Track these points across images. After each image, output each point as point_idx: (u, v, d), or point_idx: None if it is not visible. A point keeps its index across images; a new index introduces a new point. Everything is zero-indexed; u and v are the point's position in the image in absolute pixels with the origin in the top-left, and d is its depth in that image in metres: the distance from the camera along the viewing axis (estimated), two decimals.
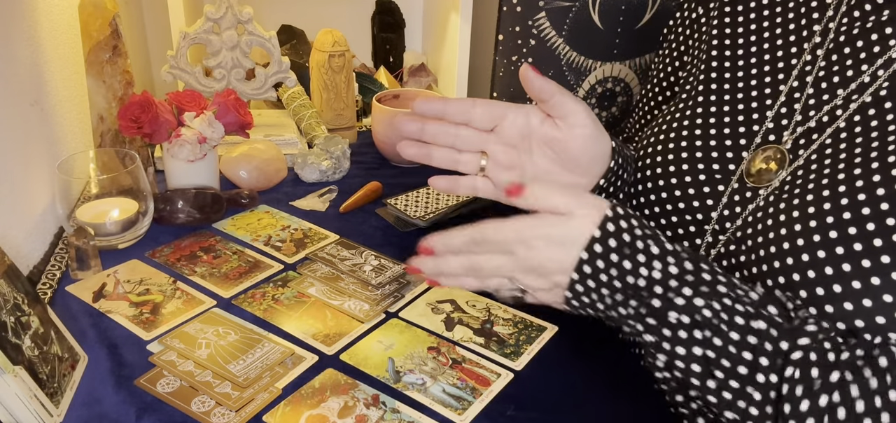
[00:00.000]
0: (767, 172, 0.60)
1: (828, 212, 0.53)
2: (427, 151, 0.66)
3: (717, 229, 0.62)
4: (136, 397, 0.62)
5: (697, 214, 0.64)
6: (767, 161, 0.61)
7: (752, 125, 0.63)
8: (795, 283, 0.53)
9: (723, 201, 0.62)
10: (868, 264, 0.50)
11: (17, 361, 0.56)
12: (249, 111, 1.01)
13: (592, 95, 1.15)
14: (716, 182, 0.63)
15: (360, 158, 1.15)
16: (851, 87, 0.58)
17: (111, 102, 0.98)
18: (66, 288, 0.77)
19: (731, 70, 0.67)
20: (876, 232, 0.50)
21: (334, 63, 1.16)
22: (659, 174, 0.67)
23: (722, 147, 0.64)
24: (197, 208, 0.90)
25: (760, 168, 0.61)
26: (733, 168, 0.63)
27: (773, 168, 0.60)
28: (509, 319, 0.76)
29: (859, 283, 0.50)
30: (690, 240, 0.65)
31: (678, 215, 0.66)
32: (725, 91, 0.67)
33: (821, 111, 0.59)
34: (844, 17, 0.61)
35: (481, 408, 0.63)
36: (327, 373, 0.66)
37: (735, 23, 0.69)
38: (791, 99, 0.62)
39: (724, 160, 0.64)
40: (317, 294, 0.78)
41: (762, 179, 0.60)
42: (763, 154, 0.61)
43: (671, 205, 0.66)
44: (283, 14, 1.47)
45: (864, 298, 0.50)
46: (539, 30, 1.08)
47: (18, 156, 0.81)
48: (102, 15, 0.94)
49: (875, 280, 0.50)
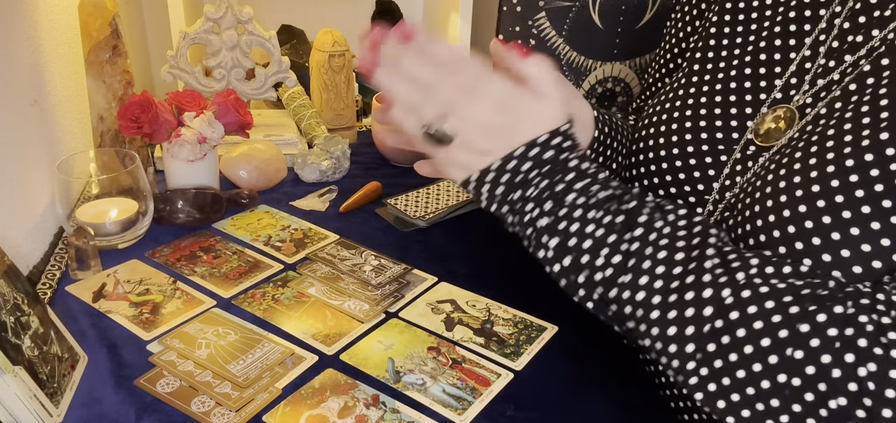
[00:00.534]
0: (777, 131, 0.60)
1: (829, 164, 0.52)
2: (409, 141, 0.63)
3: (718, 197, 0.61)
4: (136, 397, 0.62)
5: (705, 180, 0.63)
6: (777, 121, 0.60)
7: (761, 93, 0.62)
8: (790, 235, 0.52)
9: (727, 167, 0.62)
10: (868, 209, 0.49)
11: (17, 361, 0.56)
12: (249, 111, 1.01)
13: (592, 95, 1.15)
14: (720, 151, 0.63)
15: (360, 158, 1.15)
16: (861, 52, 0.57)
17: (111, 102, 0.98)
18: (65, 288, 0.77)
19: (743, 35, 0.66)
20: (879, 186, 0.49)
21: (334, 63, 1.16)
22: (662, 144, 0.66)
23: (732, 105, 0.63)
24: (197, 208, 0.90)
25: (769, 128, 0.60)
26: (737, 137, 0.62)
27: (783, 127, 0.59)
28: (509, 319, 0.76)
29: (857, 228, 0.49)
30: (701, 198, 0.63)
31: (686, 177, 0.64)
32: (734, 56, 0.66)
33: (834, 72, 0.58)
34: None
35: (481, 408, 0.63)
36: (327, 373, 0.66)
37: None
38: (802, 68, 0.61)
39: (734, 118, 0.63)
40: (317, 294, 0.78)
41: (771, 138, 0.60)
42: (773, 114, 0.60)
43: (675, 174, 0.65)
44: (283, 14, 1.47)
45: (864, 243, 0.49)
46: (539, 30, 1.08)
47: (18, 156, 0.81)
48: (102, 15, 0.94)
49: (853, 230, 0.49)
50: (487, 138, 0.54)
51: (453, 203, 0.97)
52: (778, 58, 0.63)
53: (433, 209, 0.95)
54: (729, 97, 0.64)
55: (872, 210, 0.49)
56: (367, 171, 1.11)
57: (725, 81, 0.65)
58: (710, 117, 0.64)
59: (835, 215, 0.50)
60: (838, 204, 0.50)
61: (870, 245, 0.49)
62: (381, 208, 0.98)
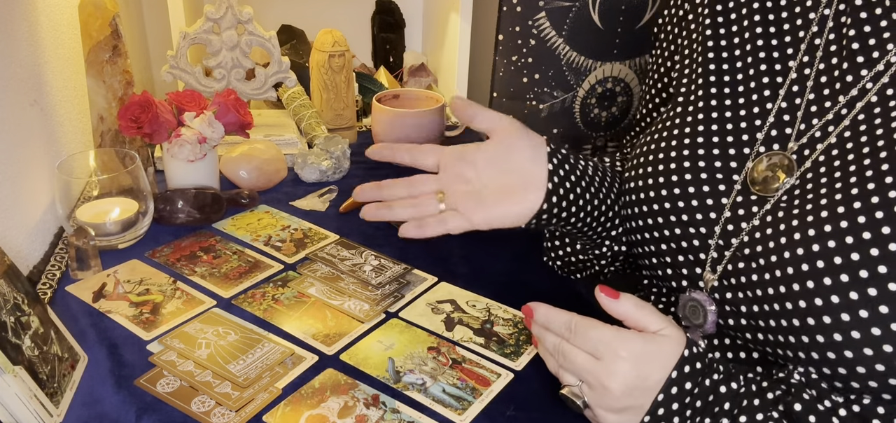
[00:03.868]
0: (774, 179, 0.58)
1: (841, 219, 0.52)
2: (388, 207, 0.70)
3: (722, 244, 0.60)
4: (136, 397, 0.62)
5: (701, 227, 0.61)
6: (773, 169, 0.58)
7: (752, 132, 0.61)
8: (809, 290, 0.52)
9: (726, 213, 0.60)
10: (874, 289, 0.49)
11: (17, 361, 0.56)
12: (249, 111, 1.01)
13: (592, 94, 1.15)
14: (718, 192, 0.61)
15: (360, 158, 1.14)
16: (852, 92, 0.56)
17: (111, 102, 0.98)
18: (66, 288, 0.77)
19: (729, 73, 0.65)
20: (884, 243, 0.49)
21: (334, 63, 1.16)
22: (652, 185, 0.65)
23: (722, 155, 0.62)
24: (197, 208, 0.90)
25: (766, 176, 0.59)
26: (736, 178, 0.60)
27: (781, 177, 0.58)
28: (509, 319, 0.76)
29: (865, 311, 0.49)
30: (695, 254, 0.62)
31: (680, 227, 0.63)
32: (724, 95, 0.64)
33: (825, 117, 0.57)
34: (838, 24, 0.59)
35: (481, 408, 0.63)
36: (327, 373, 0.66)
37: (728, 21, 0.66)
38: (791, 103, 0.60)
39: (724, 169, 0.61)
40: (317, 294, 0.78)
41: (768, 187, 0.58)
42: (768, 161, 0.59)
43: (673, 216, 0.63)
44: (283, 14, 1.47)
45: (873, 326, 0.49)
46: (539, 30, 1.08)
47: (18, 156, 0.81)
48: (102, 15, 0.94)
49: (883, 309, 0.48)
50: (620, 394, 0.55)
51: None
52: (767, 94, 0.62)
53: None
54: (721, 137, 0.63)
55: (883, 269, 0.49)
56: (367, 171, 1.11)
57: (717, 121, 0.64)
58: (705, 157, 0.63)
59: (852, 272, 0.50)
60: (856, 262, 0.50)
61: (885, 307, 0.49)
62: None
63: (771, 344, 0.56)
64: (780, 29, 0.63)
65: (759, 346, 0.58)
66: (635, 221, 0.67)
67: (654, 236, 0.65)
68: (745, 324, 0.58)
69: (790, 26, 0.62)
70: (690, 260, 0.63)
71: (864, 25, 0.57)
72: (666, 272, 0.66)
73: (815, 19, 0.60)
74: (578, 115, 1.17)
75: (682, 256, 0.63)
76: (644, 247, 0.67)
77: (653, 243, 0.66)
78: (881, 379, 0.50)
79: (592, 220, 0.71)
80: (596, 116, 1.17)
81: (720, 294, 0.60)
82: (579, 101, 1.15)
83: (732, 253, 0.59)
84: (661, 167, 0.65)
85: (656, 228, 0.65)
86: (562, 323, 0.59)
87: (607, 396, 0.55)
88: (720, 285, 0.60)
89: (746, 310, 0.57)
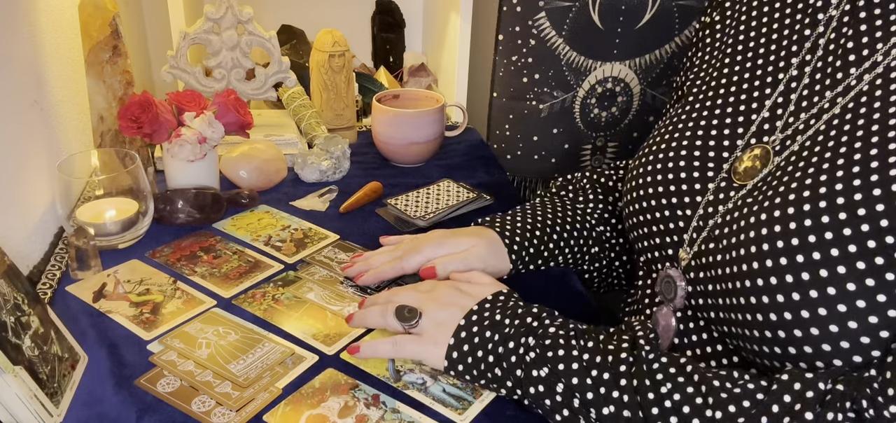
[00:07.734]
0: (753, 170, 0.61)
1: (805, 202, 0.53)
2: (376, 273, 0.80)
3: (701, 225, 0.62)
4: (137, 397, 0.62)
5: (686, 209, 0.64)
6: (754, 159, 0.61)
7: (747, 125, 0.64)
8: (767, 268, 0.53)
9: (709, 197, 0.63)
10: (825, 272, 0.50)
11: (17, 361, 0.56)
12: (249, 111, 1.01)
13: (592, 94, 1.15)
14: (706, 179, 0.64)
15: (360, 158, 1.15)
16: (838, 89, 0.58)
17: (111, 102, 0.98)
18: (66, 288, 0.77)
19: (733, 69, 0.68)
20: (848, 235, 0.50)
21: (334, 63, 1.16)
22: (650, 170, 0.68)
23: (715, 146, 0.65)
24: (197, 208, 0.90)
25: (747, 167, 0.61)
26: (725, 167, 0.63)
27: (758, 167, 0.60)
28: None
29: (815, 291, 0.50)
30: (679, 235, 0.65)
31: (669, 209, 0.66)
32: (726, 91, 0.67)
33: (809, 112, 0.59)
34: (839, 24, 0.60)
35: (481, 408, 0.63)
36: (327, 373, 0.66)
37: (737, 23, 0.69)
38: (786, 98, 0.62)
39: (715, 158, 0.64)
40: (315, 299, 0.78)
41: (748, 177, 0.61)
42: (751, 153, 0.62)
43: (664, 199, 0.66)
44: (283, 14, 1.47)
45: (820, 307, 0.50)
46: (539, 30, 1.08)
47: (18, 156, 0.81)
48: (102, 15, 0.94)
49: (831, 290, 0.50)
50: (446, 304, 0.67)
51: (453, 203, 0.97)
52: (758, 94, 0.64)
53: (433, 209, 0.95)
54: (711, 131, 0.66)
55: (855, 271, 0.50)
56: (367, 171, 1.11)
57: (709, 118, 0.67)
58: (693, 148, 0.66)
59: (807, 253, 0.51)
60: (811, 244, 0.51)
61: (845, 306, 0.50)
62: (381, 208, 0.98)
63: (729, 322, 0.58)
64: (790, 28, 0.65)
65: (719, 326, 0.60)
66: (633, 205, 0.70)
67: (647, 219, 0.68)
68: (711, 303, 0.60)
69: (799, 26, 0.64)
70: (674, 240, 0.65)
71: (861, 25, 0.58)
72: (654, 254, 0.69)
73: (823, 20, 0.62)
74: (578, 115, 1.17)
75: (668, 236, 0.66)
76: (638, 230, 0.70)
77: (644, 224, 0.69)
78: (827, 360, 0.51)
79: (562, 261, 0.83)
80: (596, 116, 1.18)
81: (694, 273, 0.62)
82: (579, 101, 1.15)
83: (706, 234, 0.61)
84: (660, 155, 0.68)
85: (648, 210, 0.68)
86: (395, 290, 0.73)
87: (436, 291, 0.68)
88: (694, 264, 0.62)
89: (712, 289, 0.59)
